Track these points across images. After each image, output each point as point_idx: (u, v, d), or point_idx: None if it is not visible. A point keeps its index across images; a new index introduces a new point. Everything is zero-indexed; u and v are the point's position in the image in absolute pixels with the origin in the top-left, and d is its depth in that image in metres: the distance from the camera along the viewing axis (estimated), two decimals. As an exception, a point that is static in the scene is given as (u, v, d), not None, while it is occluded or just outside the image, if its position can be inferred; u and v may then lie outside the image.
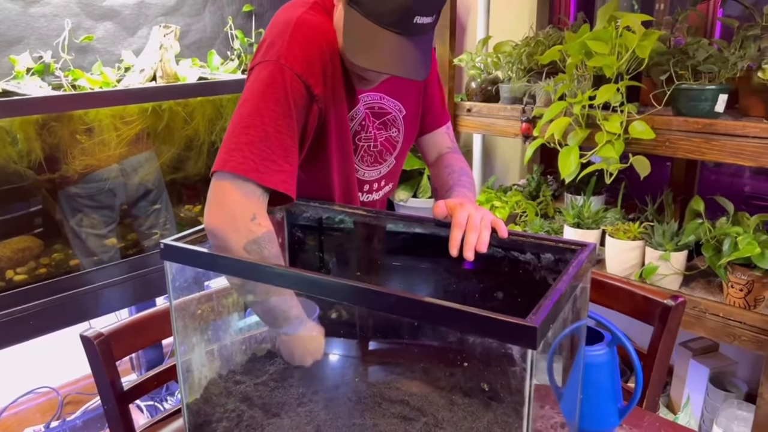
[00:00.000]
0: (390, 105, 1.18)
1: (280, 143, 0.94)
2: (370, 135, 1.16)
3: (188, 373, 1.01)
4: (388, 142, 1.21)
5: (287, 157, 0.95)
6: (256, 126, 0.93)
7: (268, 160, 0.93)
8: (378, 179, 1.25)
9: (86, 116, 1.64)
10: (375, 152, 1.19)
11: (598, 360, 1.01)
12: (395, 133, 1.21)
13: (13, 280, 1.58)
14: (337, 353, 1.19)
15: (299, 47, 0.96)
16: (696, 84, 1.57)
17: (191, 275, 0.95)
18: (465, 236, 0.93)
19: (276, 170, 0.93)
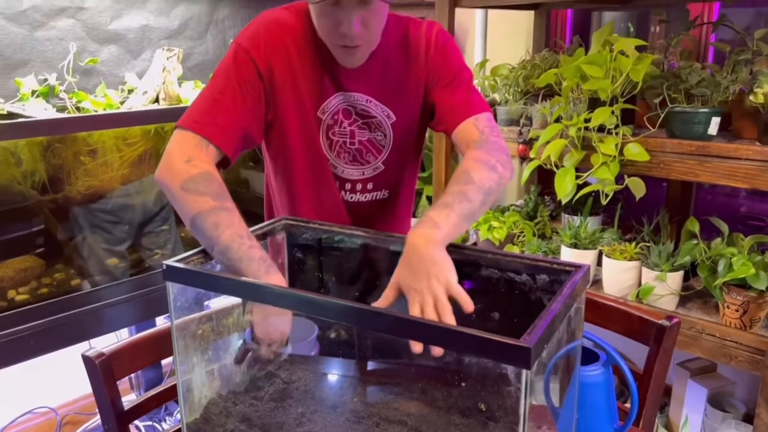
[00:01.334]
0: (376, 109, 1.21)
1: (222, 105, 1.07)
2: (345, 131, 1.21)
3: (188, 393, 1.03)
4: (371, 144, 1.23)
5: (226, 116, 1.07)
6: (206, 93, 1.10)
7: (206, 114, 1.06)
8: (362, 180, 1.27)
9: (90, 138, 1.67)
10: (353, 150, 1.23)
11: (594, 380, 1.02)
12: (380, 137, 1.23)
13: (14, 300, 1.59)
14: (336, 373, 1.20)
15: (252, 33, 1.12)
16: (689, 107, 1.60)
17: (193, 295, 0.97)
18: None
19: (211, 122, 1.05)
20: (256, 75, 1.10)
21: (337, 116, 1.19)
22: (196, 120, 1.05)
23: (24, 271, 1.64)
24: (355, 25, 1.04)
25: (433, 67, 1.22)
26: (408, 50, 1.22)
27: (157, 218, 1.91)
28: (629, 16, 2.37)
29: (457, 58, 1.25)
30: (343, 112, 1.20)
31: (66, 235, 1.74)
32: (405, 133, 1.25)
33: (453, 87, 1.22)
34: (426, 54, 1.21)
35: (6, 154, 1.56)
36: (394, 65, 1.21)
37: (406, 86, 1.23)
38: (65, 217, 1.73)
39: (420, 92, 1.24)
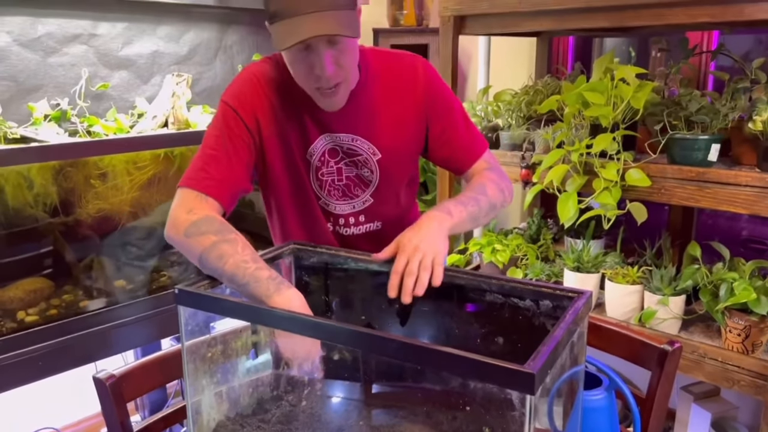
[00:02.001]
0: (362, 147, 1.24)
1: (215, 160, 1.15)
2: (332, 170, 1.26)
3: (197, 416, 1.04)
4: (359, 179, 1.28)
5: (219, 169, 1.14)
6: (201, 152, 1.18)
7: (201, 171, 1.14)
8: (353, 214, 1.31)
9: (101, 161, 1.70)
10: (341, 186, 1.28)
11: (597, 404, 1.04)
12: (367, 173, 1.27)
13: (24, 321, 1.61)
14: (342, 396, 1.21)
15: (235, 90, 1.19)
16: (689, 134, 1.63)
17: (203, 319, 0.99)
18: (402, 281, 1.00)
19: (205, 177, 1.13)
20: (244, 129, 1.17)
21: (324, 157, 1.24)
22: (192, 177, 1.14)
23: (34, 292, 1.66)
24: (328, 67, 1.07)
25: (426, 104, 1.25)
26: (392, 85, 1.24)
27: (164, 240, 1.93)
28: (630, 41, 2.41)
29: (448, 93, 1.30)
30: (329, 152, 1.24)
31: (75, 257, 1.77)
32: (392, 166, 1.28)
33: (452, 126, 1.28)
34: (415, 89, 1.24)
35: (19, 177, 1.60)
36: (376, 101, 1.24)
37: (391, 121, 1.25)
38: (75, 239, 1.76)
39: (409, 126, 1.27)
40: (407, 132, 1.27)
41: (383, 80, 1.24)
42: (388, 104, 1.24)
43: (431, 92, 1.25)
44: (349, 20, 1.04)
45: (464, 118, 1.31)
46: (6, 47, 1.81)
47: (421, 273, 1.00)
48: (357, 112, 1.22)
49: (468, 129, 1.31)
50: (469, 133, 1.31)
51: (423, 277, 1.00)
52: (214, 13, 2.23)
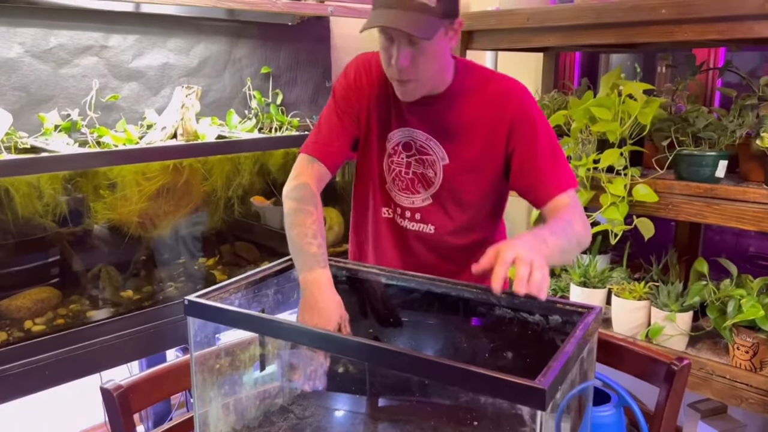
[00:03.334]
0: (434, 148, 1.31)
1: (324, 128, 1.34)
2: (401, 161, 1.34)
3: (204, 427, 1.04)
4: (423, 178, 1.33)
5: (328, 138, 1.33)
6: (317, 122, 1.37)
7: (313, 138, 1.34)
8: (411, 209, 1.37)
9: (110, 171, 1.71)
10: (407, 179, 1.35)
11: (605, 420, 1.03)
12: (431, 174, 1.32)
13: (31, 331, 1.61)
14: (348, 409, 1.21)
15: (349, 71, 1.36)
16: (697, 150, 1.63)
17: (212, 330, 0.99)
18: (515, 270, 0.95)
19: (314, 143, 1.33)
20: (350, 104, 1.34)
21: (398, 147, 1.34)
22: (307, 144, 1.34)
23: (41, 301, 1.67)
24: (402, 60, 1.16)
25: (511, 130, 1.26)
26: (482, 102, 1.27)
27: (171, 251, 1.94)
28: (636, 58, 2.42)
29: (538, 122, 1.27)
30: (404, 145, 1.33)
31: (83, 267, 1.77)
32: (457, 176, 1.31)
33: (536, 156, 1.26)
34: (503, 112, 1.25)
35: (29, 187, 1.61)
36: (462, 112, 1.28)
37: (470, 134, 1.28)
38: (83, 248, 1.76)
39: (486, 145, 1.28)
40: (483, 149, 1.28)
41: (475, 95, 1.28)
42: (471, 118, 1.28)
43: (519, 119, 1.25)
44: (427, 24, 1.12)
45: (552, 150, 1.27)
46: (18, 58, 1.83)
47: (534, 270, 0.94)
48: (439, 115, 1.29)
49: (554, 162, 1.27)
50: (555, 166, 1.27)
51: (536, 275, 0.94)
52: (223, 26, 2.24)
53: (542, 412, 0.69)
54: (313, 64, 2.54)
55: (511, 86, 1.29)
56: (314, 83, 2.56)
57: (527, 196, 1.31)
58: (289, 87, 2.47)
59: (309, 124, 2.35)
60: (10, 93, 1.83)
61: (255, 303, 1.09)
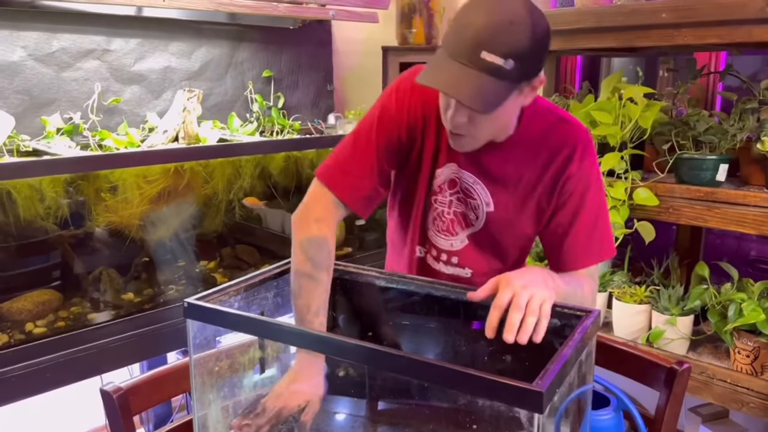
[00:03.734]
0: (480, 193, 1.19)
1: (358, 165, 1.15)
2: (445, 200, 1.22)
3: (204, 429, 1.04)
4: (464, 218, 1.22)
5: (362, 179, 1.15)
6: (347, 147, 1.18)
7: (342, 173, 1.15)
8: (448, 252, 1.25)
9: (111, 174, 1.72)
10: (448, 220, 1.23)
11: (605, 424, 1.03)
12: (473, 216, 1.22)
13: (32, 333, 1.61)
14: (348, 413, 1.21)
15: (396, 98, 1.17)
16: (697, 153, 1.63)
17: (211, 332, 0.99)
18: (507, 317, 0.89)
19: (348, 186, 1.15)
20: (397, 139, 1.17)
21: (444, 186, 1.21)
22: (334, 176, 1.15)
23: (42, 304, 1.67)
24: (458, 117, 1.03)
25: (561, 188, 1.15)
26: (540, 151, 1.15)
27: (172, 254, 1.94)
28: (637, 62, 2.43)
29: (591, 185, 1.16)
30: (449, 182, 1.21)
31: (84, 270, 1.78)
32: (499, 224, 1.21)
33: (576, 225, 1.16)
34: (559, 166, 1.14)
35: (30, 189, 1.61)
36: (518, 163, 1.16)
37: (523, 187, 1.17)
38: (84, 251, 1.77)
39: (533, 199, 1.17)
40: (531, 203, 1.18)
41: (534, 146, 1.15)
42: (526, 170, 1.16)
43: (575, 178, 1.14)
44: (495, 93, 0.96)
45: (596, 216, 1.17)
46: (21, 62, 1.83)
47: (527, 316, 0.88)
48: (491, 158, 1.15)
49: (593, 230, 1.17)
50: (592, 235, 1.17)
51: (529, 322, 0.88)
52: (225, 30, 2.25)
53: (540, 415, 0.69)
54: (314, 67, 2.54)
55: (576, 137, 1.15)
56: (316, 87, 2.57)
57: (549, 255, 1.21)
58: (291, 91, 2.48)
59: (310, 127, 2.35)
60: (12, 96, 1.83)
61: (254, 306, 1.09)
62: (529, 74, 1.00)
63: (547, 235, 1.20)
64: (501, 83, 0.96)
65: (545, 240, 1.21)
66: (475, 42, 0.94)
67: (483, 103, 0.96)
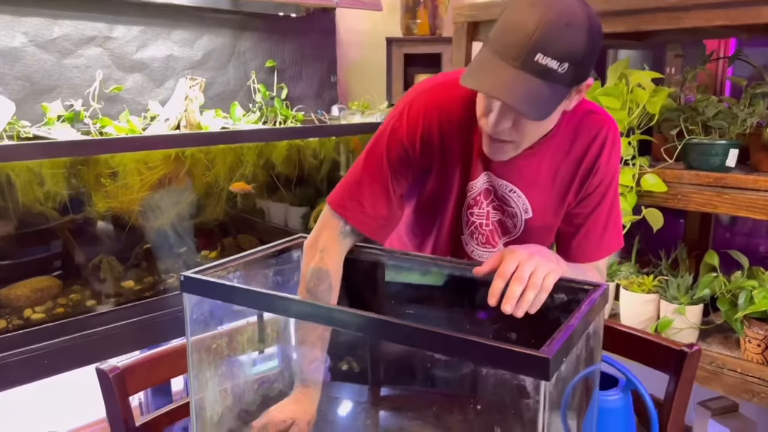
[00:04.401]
0: (517, 201, 1.13)
1: (371, 190, 1.09)
2: (483, 212, 1.15)
3: (201, 410, 1.02)
4: (501, 226, 1.17)
5: (374, 203, 1.09)
6: (357, 172, 1.11)
7: (354, 201, 1.09)
8: None
9: (111, 160, 1.70)
10: (487, 232, 1.17)
11: (613, 405, 1.00)
12: (510, 224, 1.17)
13: (30, 319, 1.60)
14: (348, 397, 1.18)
15: (408, 118, 1.09)
16: (707, 139, 1.60)
17: (209, 309, 0.97)
18: (508, 287, 0.86)
19: (359, 211, 1.09)
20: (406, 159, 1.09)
21: (479, 197, 1.14)
22: (345, 205, 1.10)
23: (41, 290, 1.65)
24: (500, 122, 0.96)
25: (588, 181, 1.11)
26: (574, 144, 1.10)
27: (173, 242, 1.92)
28: (644, 56, 2.39)
29: (613, 178, 1.13)
30: (484, 192, 1.14)
31: (84, 257, 1.76)
32: (537, 230, 1.16)
33: (594, 218, 1.13)
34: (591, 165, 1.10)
35: (30, 174, 1.59)
36: (552, 162, 1.11)
37: (554, 186, 1.12)
38: (84, 238, 1.75)
39: (565, 197, 1.13)
40: (563, 202, 1.14)
41: (567, 138, 1.10)
42: (559, 166, 1.11)
43: (601, 171, 1.10)
44: (547, 98, 0.90)
45: (611, 208, 1.14)
46: (22, 47, 1.82)
47: (528, 289, 0.86)
48: (526, 162, 1.09)
49: (607, 222, 1.14)
50: (606, 228, 1.14)
51: (528, 296, 0.86)
52: (228, 18, 2.24)
53: (546, 382, 0.67)
54: (318, 58, 2.53)
55: (606, 130, 1.11)
56: (319, 78, 2.55)
57: (559, 243, 1.17)
58: (294, 81, 2.46)
59: (314, 118, 2.33)
60: (13, 82, 1.82)
61: (254, 283, 1.07)
62: (580, 78, 0.94)
63: (561, 225, 1.16)
64: (554, 87, 0.90)
65: (559, 228, 1.17)
66: (529, 43, 0.88)
67: (536, 108, 0.90)
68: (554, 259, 0.94)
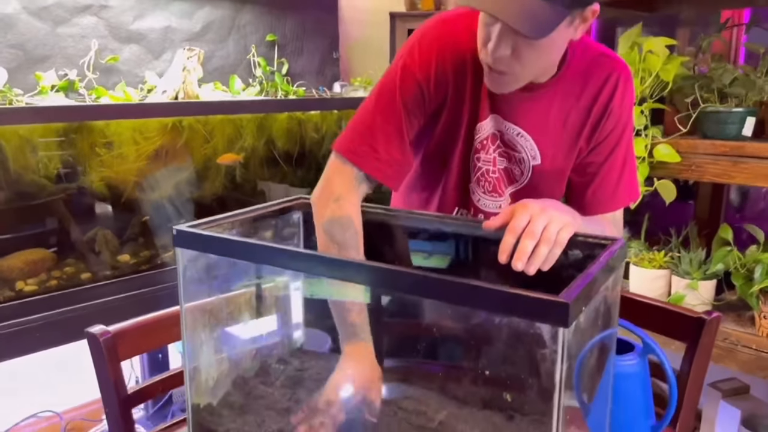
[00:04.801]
0: (525, 145, 1.07)
1: (384, 133, 1.01)
2: (489, 158, 1.09)
3: (195, 373, 0.97)
4: (507, 174, 1.11)
5: (388, 146, 1.01)
6: (367, 113, 1.03)
7: (366, 145, 1.01)
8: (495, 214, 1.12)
9: (107, 129, 1.65)
10: (494, 180, 1.11)
11: (629, 370, 0.95)
12: (517, 171, 1.10)
13: (22, 291, 1.55)
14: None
15: (420, 52, 1.02)
16: (722, 107, 1.55)
17: (203, 266, 0.92)
18: (519, 242, 0.81)
19: (372, 156, 1.01)
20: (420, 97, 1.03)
21: (486, 142, 1.08)
22: (355, 150, 1.01)
23: (34, 262, 1.61)
24: (499, 49, 0.90)
25: (600, 125, 1.06)
26: (585, 86, 1.04)
27: (172, 215, 1.87)
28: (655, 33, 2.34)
29: (628, 122, 1.08)
30: (491, 137, 1.08)
31: (79, 229, 1.72)
32: (545, 177, 1.10)
33: (608, 166, 1.08)
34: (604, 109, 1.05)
35: (23, 143, 1.55)
36: (562, 105, 1.05)
37: (567, 132, 1.07)
38: (79, 210, 1.71)
39: (575, 141, 1.07)
40: (574, 148, 1.08)
41: (578, 80, 1.04)
42: (570, 109, 1.05)
43: (613, 115, 1.05)
44: (546, 16, 0.85)
45: (625, 157, 1.09)
46: (15, 15, 1.77)
47: (541, 244, 0.80)
48: (534, 106, 1.04)
49: (622, 172, 1.09)
50: (621, 177, 1.09)
51: (541, 252, 0.80)
52: (228, -9, 2.19)
53: (565, 329, 0.61)
54: (319, 33, 2.47)
55: (618, 73, 1.05)
56: (321, 54, 2.50)
57: (571, 196, 1.11)
58: (295, 57, 2.41)
59: (315, 94, 2.28)
60: (6, 51, 1.77)
61: (251, 243, 1.01)
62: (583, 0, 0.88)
63: (575, 175, 1.10)
64: (553, 6, 0.85)
65: (573, 179, 1.10)
66: None
67: (532, 25, 0.84)
68: (569, 213, 0.88)
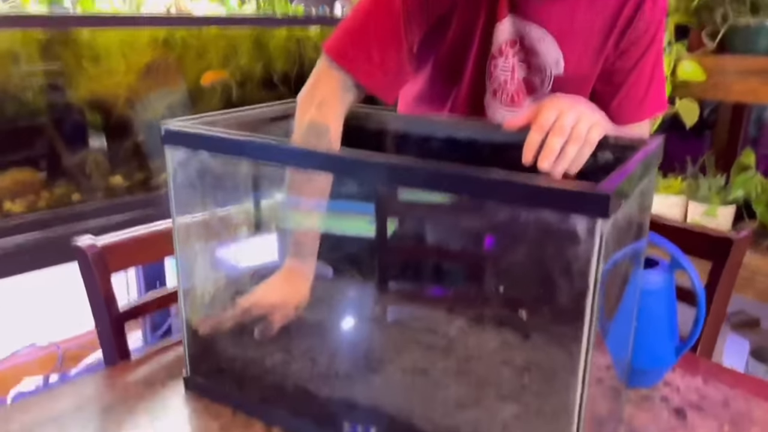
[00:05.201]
0: (548, 51, 0.97)
1: (378, 36, 0.90)
2: (508, 65, 0.98)
3: (192, 290, 0.90)
4: (527, 84, 1.01)
5: (382, 53, 0.90)
6: (362, 12, 0.92)
7: (357, 48, 0.90)
8: None
9: (94, 41, 1.54)
10: (511, 91, 1.00)
11: (655, 287, 0.89)
12: (537, 81, 1.00)
13: (10, 212, 1.48)
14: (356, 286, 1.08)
15: None
16: (754, 19, 1.44)
17: (195, 170, 0.84)
18: (546, 140, 0.73)
19: (364, 60, 0.90)
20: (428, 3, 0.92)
21: (505, 47, 0.96)
22: (347, 54, 0.90)
23: (22, 183, 1.53)
24: None
25: (634, 34, 0.97)
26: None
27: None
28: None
29: (658, 29, 0.98)
30: (510, 41, 0.96)
31: (69, 150, 1.63)
32: (570, 84, 0.99)
33: (635, 74, 0.99)
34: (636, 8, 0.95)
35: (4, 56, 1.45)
36: (589, 8, 0.95)
37: (593, 34, 0.97)
38: (69, 130, 1.62)
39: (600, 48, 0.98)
40: (601, 56, 0.99)
41: None
42: (598, 13, 0.95)
43: (644, 21, 0.96)
44: None
45: (654, 66, 1.01)
46: None
47: (570, 143, 0.72)
48: (558, 8, 0.94)
49: (651, 82, 1.01)
50: (649, 87, 1.01)
51: (570, 151, 0.72)
52: None
53: (603, 219, 0.54)
54: (320, -51, 2.32)
55: None
56: (321, -28, 2.35)
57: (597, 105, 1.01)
58: (294, -26, 2.27)
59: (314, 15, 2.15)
60: (-18, -43, 1.64)
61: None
62: None
63: (601, 83, 1.01)
64: None
65: (597, 88, 1.02)
66: None
67: None
68: (599, 112, 0.80)
